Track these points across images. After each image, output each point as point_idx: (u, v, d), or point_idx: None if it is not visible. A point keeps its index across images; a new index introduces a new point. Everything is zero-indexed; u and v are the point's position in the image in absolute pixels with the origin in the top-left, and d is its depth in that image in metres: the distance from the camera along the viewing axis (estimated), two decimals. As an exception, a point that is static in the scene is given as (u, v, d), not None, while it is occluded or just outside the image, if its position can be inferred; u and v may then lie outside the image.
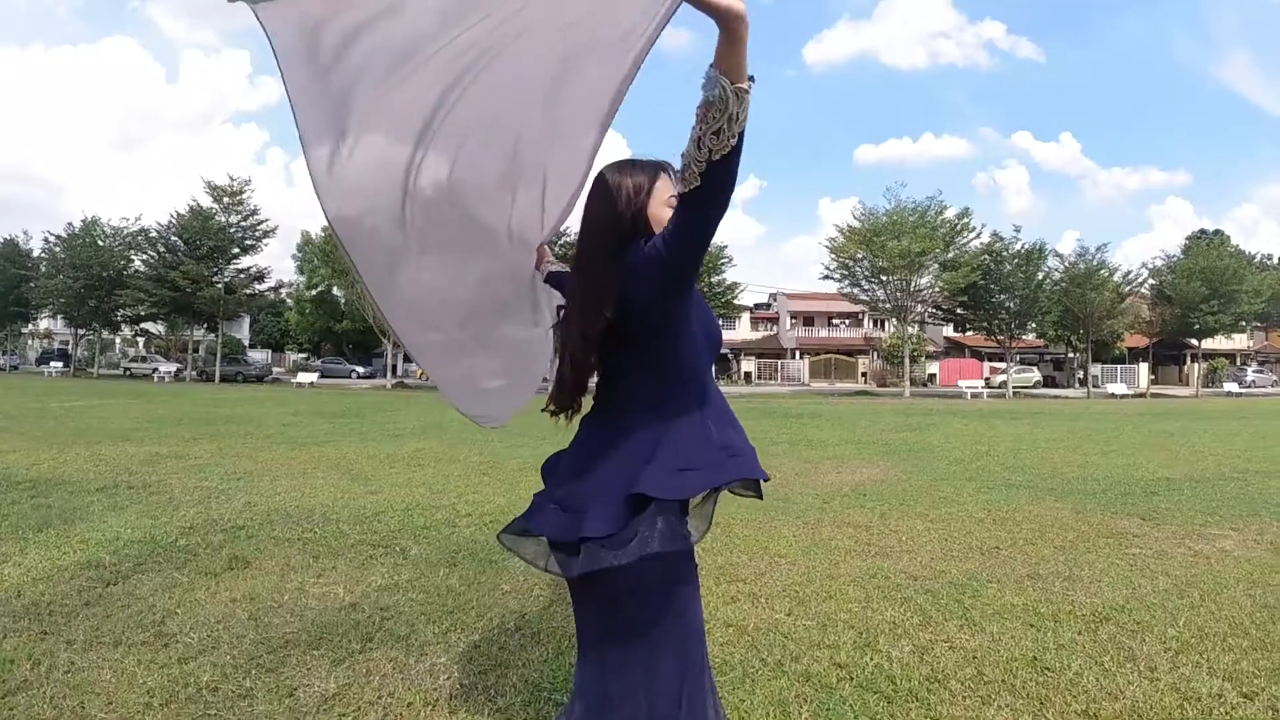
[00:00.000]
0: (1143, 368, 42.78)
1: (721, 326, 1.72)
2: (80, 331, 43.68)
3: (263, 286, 40.92)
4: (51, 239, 40.75)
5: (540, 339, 2.07)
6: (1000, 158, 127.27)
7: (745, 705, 2.46)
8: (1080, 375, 43.46)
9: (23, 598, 3.37)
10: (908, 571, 4.06)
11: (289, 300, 51.76)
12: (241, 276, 38.96)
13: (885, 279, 35.31)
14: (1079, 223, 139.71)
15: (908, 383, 35.52)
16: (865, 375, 48.35)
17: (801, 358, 50.92)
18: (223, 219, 37.43)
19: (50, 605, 3.28)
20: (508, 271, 1.95)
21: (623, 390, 1.55)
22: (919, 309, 37.26)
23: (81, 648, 2.83)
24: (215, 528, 4.80)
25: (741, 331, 54.85)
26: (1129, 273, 37.85)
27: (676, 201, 1.33)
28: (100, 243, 39.14)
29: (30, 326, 52.11)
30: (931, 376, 47.57)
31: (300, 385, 34.17)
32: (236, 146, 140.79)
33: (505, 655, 2.84)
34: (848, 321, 53.89)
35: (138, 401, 18.65)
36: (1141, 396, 35.45)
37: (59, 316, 45.14)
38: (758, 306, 57.21)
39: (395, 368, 39.09)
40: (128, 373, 42.19)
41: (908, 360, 36.28)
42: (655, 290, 1.43)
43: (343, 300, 46.23)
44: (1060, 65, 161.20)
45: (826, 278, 37.51)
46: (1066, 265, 36.66)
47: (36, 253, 43.41)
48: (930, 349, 48.01)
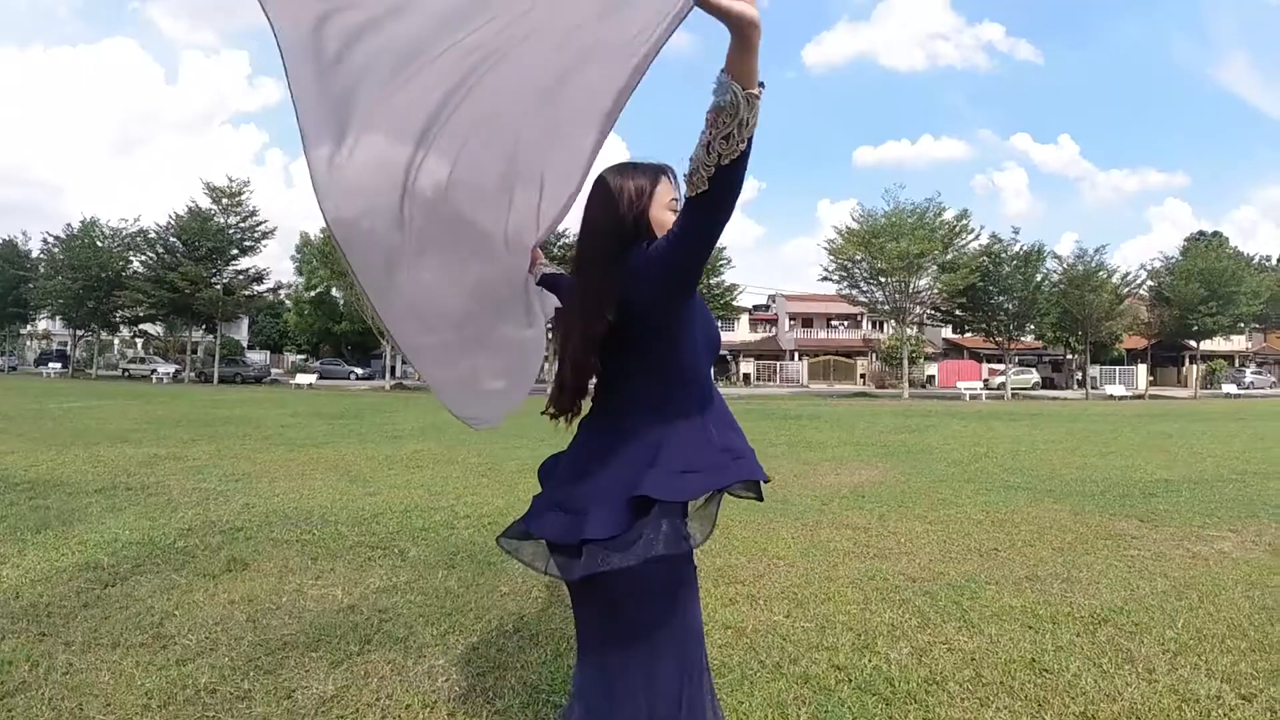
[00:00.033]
0: (1141, 369, 42.83)
1: (720, 328, 1.71)
2: (79, 332, 43.64)
3: (261, 288, 40.96)
4: (50, 240, 40.85)
5: (534, 340, 2.07)
6: (999, 159, 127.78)
7: (744, 707, 2.46)
8: (1079, 377, 43.51)
9: (21, 599, 3.37)
10: (906, 573, 4.06)
11: (288, 301, 51.73)
12: (240, 278, 38.97)
13: (884, 280, 35.35)
14: (1077, 224, 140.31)
15: (906, 384, 35.51)
16: (864, 377, 48.37)
17: (800, 359, 50.94)
18: (221, 220, 37.45)
19: (48, 607, 3.28)
20: (505, 272, 1.95)
21: (623, 392, 1.54)
22: (918, 310, 37.29)
23: (80, 649, 2.83)
24: (213, 529, 4.80)
25: (740, 333, 54.87)
26: (1127, 274, 38.04)
27: (681, 205, 1.33)
28: (99, 244, 39.14)
29: (29, 327, 52.11)
30: (930, 378, 47.58)
31: (299, 386, 34.15)
32: (236, 147, 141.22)
33: (503, 657, 2.84)
34: (846, 323, 53.94)
35: (136, 403, 18.63)
36: (1140, 398, 35.49)
37: (57, 317, 45.11)
38: (756, 308, 57.26)
39: (394, 369, 39.06)
40: (126, 374, 42.19)
41: (906, 362, 36.28)
42: (658, 293, 1.43)
43: (341, 302, 46.18)
44: (1059, 67, 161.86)
45: (825, 279, 37.62)
46: (1065, 267, 36.73)
47: (35, 254, 43.48)
48: (929, 350, 48.01)
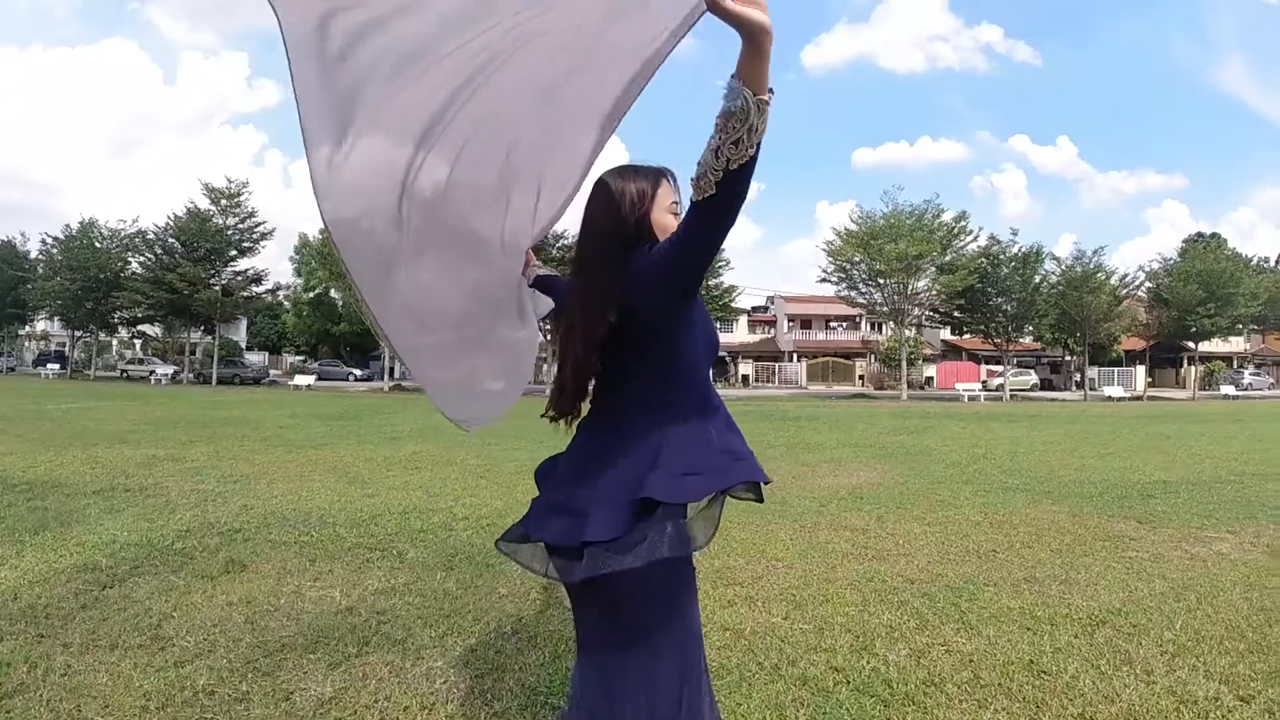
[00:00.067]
0: (1140, 370, 42.83)
1: (719, 329, 1.72)
2: (77, 333, 43.57)
3: (260, 289, 40.85)
4: (49, 241, 40.80)
5: (528, 340, 2.07)
6: (997, 161, 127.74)
7: (742, 709, 2.46)
8: (1077, 378, 43.56)
9: (19, 600, 3.37)
10: (905, 575, 4.07)
11: (286, 303, 51.72)
12: (239, 279, 38.88)
13: (882, 282, 35.35)
14: (1076, 226, 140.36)
15: (905, 385, 35.52)
16: (863, 378, 48.34)
17: (799, 360, 50.93)
18: (220, 221, 37.39)
19: (47, 608, 3.28)
20: (501, 273, 1.95)
21: (624, 393, 1.54)
22: (916, 312, 37.31)
23: (78, 651, 2.83)
24: (212, 531, 4.80)
25: (739, 334, 54.86)
26: (1126, 276, 38.10)
27: (687, 208, 1.33)
28: (97, 245, 39.09)
29: (27, 328, 52.06)
30: (929, 379, 47.58)
31: (297, 388, 34.13)
32: (235, 148, 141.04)
33: (502, 659, 2.84)
34: (845, 324, 53.92)
35: (134, 404, 18.61)
36: (1138, 399, 35.51)
37: (56, 318, 45.06)
38: (755, 309, 57.25)
39: (392, 370, 39.00)
40: (124, 375, 42.11)
41: (905, 363, 36.28)
42: (660, 295, 1.43)
43: (340, 303, 46.16)
44: (1057, 69, 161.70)
45: (824, 281, 37.64)
46: (1063, 268, 36.75)
47: (34, 254, 43.42)
48: (927, 352, 48.00)
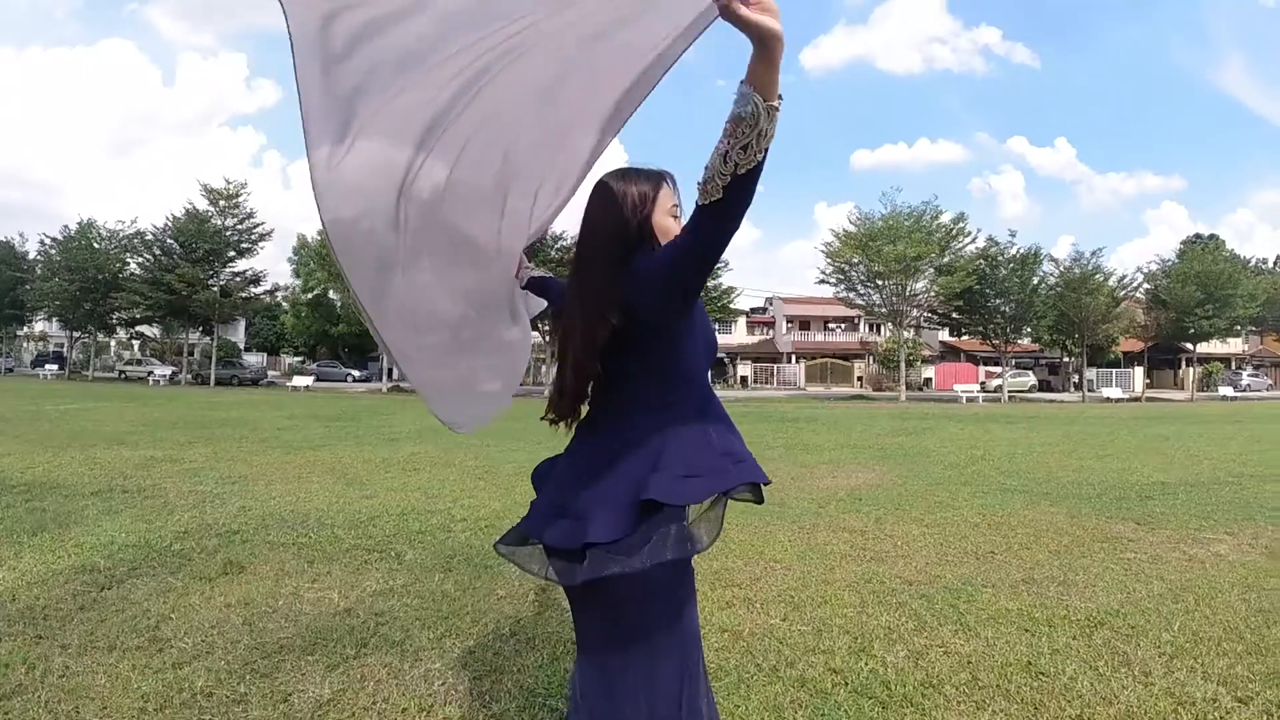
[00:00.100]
0: (1138, 372, 42.88)
1: (717, 331, 1.72)
2: (75, 334, 43.50)
3: (258, 290, 40.80)
4: (47, 241, 40.75)
5: (522, 342, 2.07)
6: (995, 163, 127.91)
7: (740, 711, 2.46)
8: (1075, 379, 43.56)
9: (17, 602, 3.37)
10: (903, 576, 4.07)
11: (285, 303, 51.66)
12: (237, 280, 38.83)
13: (881, 283, 35.38)
14: (1074, 227, 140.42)
15: (903, 387, 35.54)
16: (861, 379, 48.38)
17: (797, 362, 50.94)
18: (219, 222, 37.33)
19: (45, 609, 3.27)
20: (497, 274, 1.95)
21: (624, 394, 1.54)
22: (915, 313, 37.34)
23: (76, 652, 2.83)
24: (210, 532, 4.80)
25: (738, 335, 54.86)
26: (1124, 277, 38.16)
27: (693, 212, 1.33)
28: (96, 245, 39.02)
29: (25, 329, 51.96)
30: (927, 381, 47.59)
31: (295, 389, 34.11)
32: (233, 149, 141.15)
33: (500, 661, 2.84)
34: (844, 326, 53.93)
35: (133, 405, 18.59)
36: (1137, 400, 35.55)
37: (54, 319, 45.01)
38: (754, 311, 57.24)
39: (391, 371, 38.92)
40: (123, 376, 42.02)
41: (903, 364, 36.28)
42: (662, 298, 1.44)
43: (339, 304, 46.09)
44: (1055, 71, 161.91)
45: (822, 282, 37.64)
46: (1062, 270, 36.80)
47: (32, 255, 43.31)
48: (926, 353, 48.00)
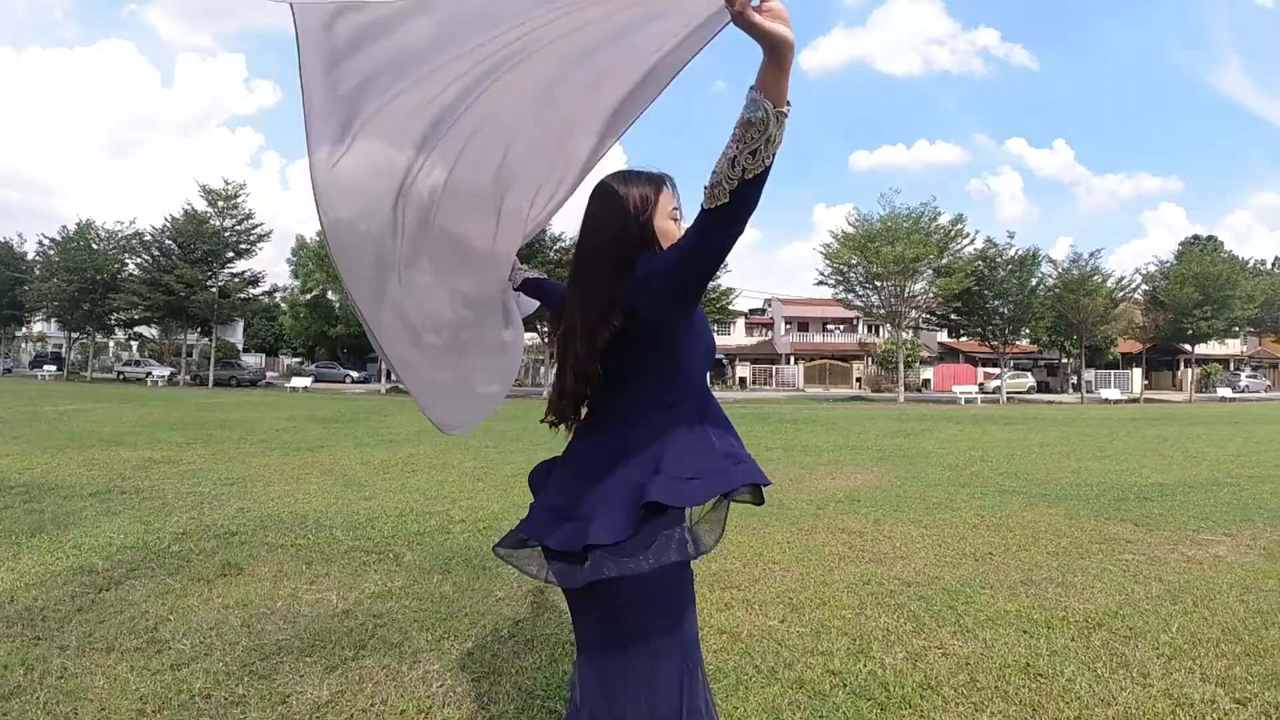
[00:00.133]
0: (1136, 373, 42.94)
1: (716, 332, 1.71)
2: (74, 335, 43.49)
3: (257, 291, 40.80)
4: (46, 242, 40.83)
5: (515, 343, 2.08)
6: (994, 164, 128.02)
7: (739, 712, 2.46)
8: (1074, 380, 43.58)
9: (16, 603, 3.37)
10: (901, 578, 4.07)
11: (283, 304, 51.59)
12: (236, 281, 38.83)
13: (879, 285, 35.39)
14: (1072, 229, 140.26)
15: (902, 388, 35.58)
16: (860, 381, 48.42)
17: (796, 363, 50.99)
18: (217, 223, 37.33)
19: (43, 611, 3.27)
20: (494, 275, 1.95)
21: (624, 395, 1.53)
22: (913, 314, 37.37)
23: (74, 654, 2.83)
24: (208, 534, 4.79)
25: (736, 337, 54.89)
26: (1122, 278, 38.22)
27: (698, 215, 1.33)
28: (94, 246, 39.02)
29: (24, 329, 51.95)
30: (926, 382, 47.67)
31: (294, 390, 34.10)
32: (232, 150, 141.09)
33: (498, 662, 2.83)
34: (842, 327, 53.97)
35: (131, 406, 18.57)
36: (1135, 402, 35.59)
37: (53, 320, 45.04)
38: (753, 312, 57.27)
39: (389, 373, 38.95)
40: (121, 376, 41.99)
41: (902, 366, 36.33)
42: (664, 301, 1.43)
43: (337, 305, 46.06)
44: (1053, 72, 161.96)
45: (821, 283, 37.63)
46: (1060, 271, 36.84)
47: (31, 256, 43.35)
48: (924, 354, 48.09)
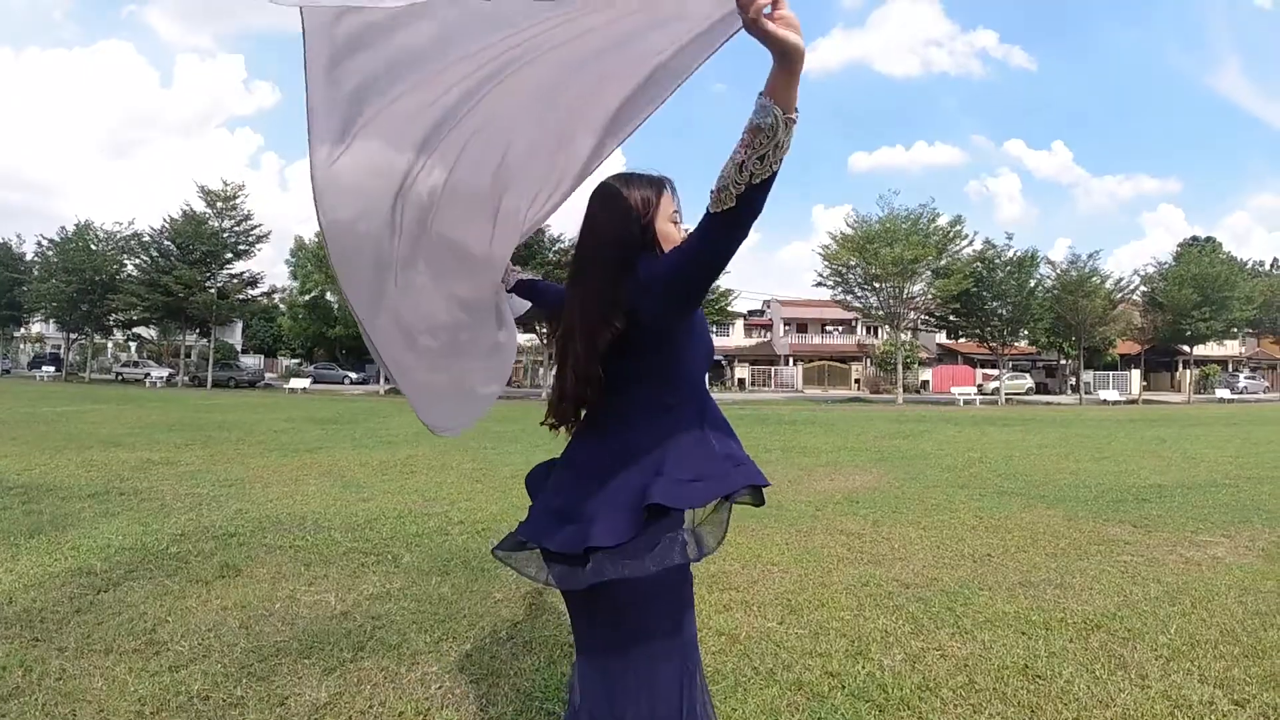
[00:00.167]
0: (1135, 374, 42.96)
1: (715, 333, 1.72)
2: (72, 336, 43.46)
3: (256, 292, 40.79)
4: (45, 243, 40.83)
5: (509, 344, 2.08)
6: (993, 166, 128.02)
7: (738, 714, 2.46)
8: (1073, 382, 43.64)
9: (14, 604, 3.36)
10: (900, 579, 4.07)
11: (282, 305, 51.61)
12: (234, 281, 38.82)
13: (878, 286, 35.43)
14: (1071, 230, 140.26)
15: (901, 389, 35.59)
16: (858, 382, 48.43)
17: (795, 364, 51.02)
18: (216, 224, 37.33)
19: (42, 612, 3.27)
20: (490, 277, 1.95)
21: (625, 399, 1.53)
22: (912, 316, 37.40)
23: (73, 655, 2.82)
24: (206, 535, 4.79)
25: (735, 338, 54.92)
26: (1121, 280, 38.20)
27: (702, 219, 1.33)
28: (93, 247, 39.00)
29: (22, 330, 51.89)
30: (924, 383, 47.68)
31: (292, 391, 34.07)
32: (231, 151, 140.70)
33: (497, 664, 2.83)
34: (841, 328, 54.00)
35: (129, 407, 18.56)
36: (1134, 403, 35.61)
37: (51, 320, 45.00)
38: (752, 313, 57.29)
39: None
40: (119, 377, 41.93)
41: (901, 367, 36.34)
42: (666, 305, 1.44)
43: (336, 306, 46.05)
44: (1052, 74, 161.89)
45: (820, 285, 37.64)
46: (1058, 272, 36.86)
47: (30, 256, 43.31)
48: (923, 356, 48.14)
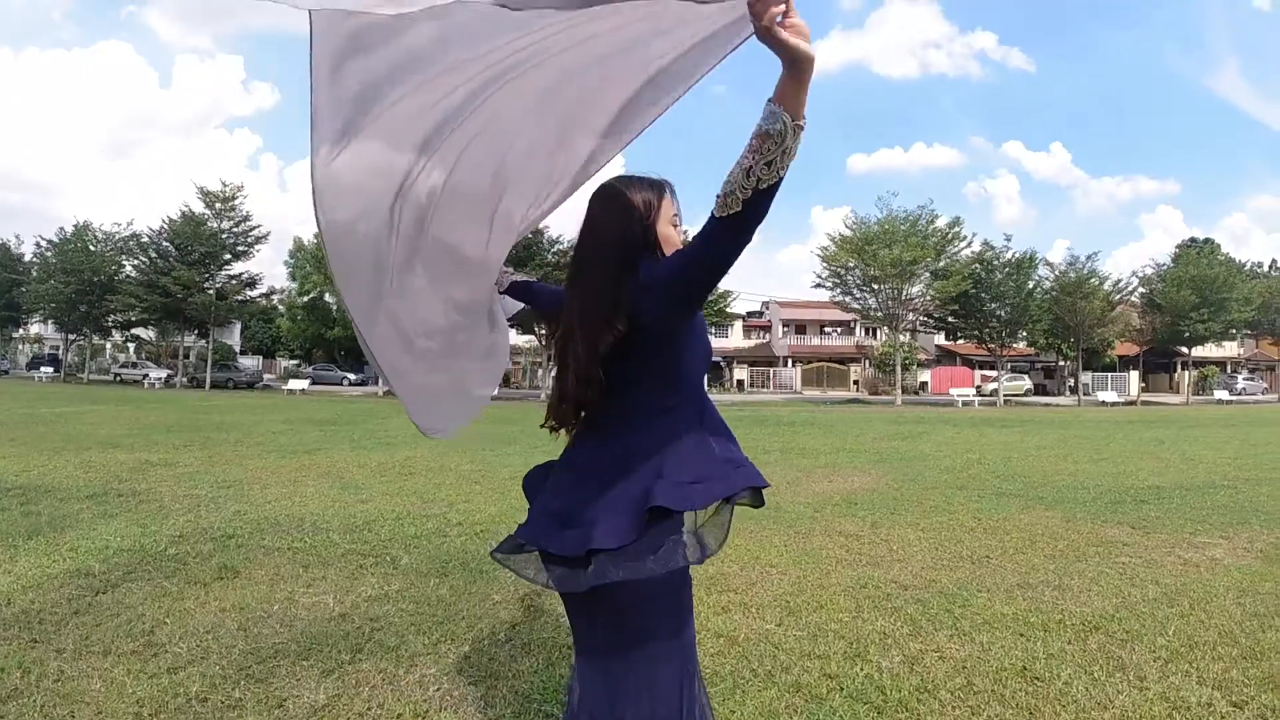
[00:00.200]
0: (1133, 375, 42.98)
1: (713, 335, 1.72)
2: (71, 337, 43.43)
3: (254, 293, 40.83)
4: (43, 243, 40.79)
5: (503, 345, 2.09)
6: (991, 167, 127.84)
7: (736, 716, 2.46)
8: (1071, 383, 43.69)
9: (13, 606, 3.36)
10: (898, 581, 4.07)
11: (280, 306, 51.54)
12: (233, 282, 38.83)
13: (877, 287, 35.47)
14: (1070, 231, 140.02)
15: (899, 391, 35.62)
16: (857, 383, 48.46)
17: (794, 366, 51.04)
18: (215, 225, 37.35)
19: (40, 613, 3.26)
20: (485, 279, 1.96)
21: (626, 401, 1.53)
22: (910, 317, 37.46)
23: (71, 656, 2.82)
24: (205, 536, 4.78)
25: (734, 339, 54.90)
26: (1119, 281, 38.28)
27: (707, 222, 1.34)
28: (92, 248, 39.01)
29: (21, 331, 51.84)
30: (923, 384, 47.71)
31: (291, 392, 34.05)
32: (230, 152, 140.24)
33: (495, 666, 2.83)
34: (840, 330, 54.02)
35: (128, 408, 18.54)
36: (1132, 404, 35.63)
37: (50, 321, 44.95)
38: (750, 315, 57.30)
39: (387, 375, 38.88)
40: (118, 378, 41.89)
41: (899, 368, 36.39)
42: (667, 308, 1.44)
43: (334, 307, 46.01)
44: (1051, 75, 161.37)
45: (819, 286, 37.72)
46: (1057, 274, 36.93)
47: (28, 257, 43.29)
48: (922, 357, 48.18)
